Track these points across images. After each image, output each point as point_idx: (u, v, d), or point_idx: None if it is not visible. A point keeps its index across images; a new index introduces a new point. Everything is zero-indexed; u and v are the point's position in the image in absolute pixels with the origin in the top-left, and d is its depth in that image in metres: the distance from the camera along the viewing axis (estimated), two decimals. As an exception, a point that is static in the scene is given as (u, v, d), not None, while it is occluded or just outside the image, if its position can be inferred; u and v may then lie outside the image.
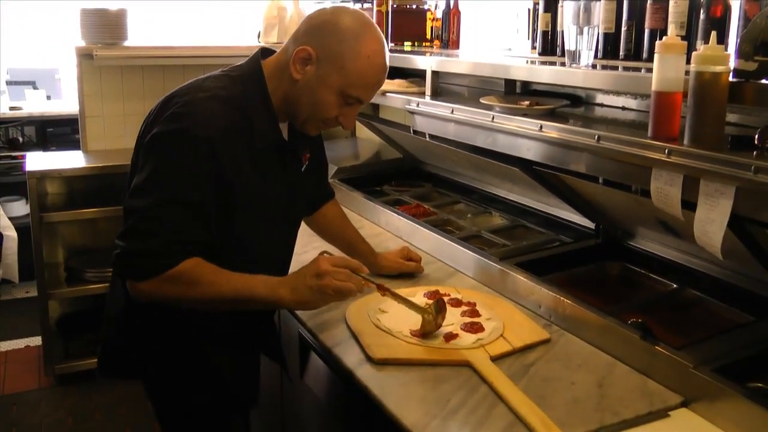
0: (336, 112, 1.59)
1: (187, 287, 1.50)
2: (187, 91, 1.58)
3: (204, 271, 1.51)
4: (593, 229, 2.19)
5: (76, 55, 3.62)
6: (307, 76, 1.54)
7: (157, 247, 1.47)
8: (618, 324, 1.61)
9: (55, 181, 3.67)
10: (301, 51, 1.53)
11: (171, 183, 1.48)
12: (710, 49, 1.37)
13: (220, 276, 1.52)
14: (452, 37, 2.90)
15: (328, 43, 1.52)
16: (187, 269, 1.49)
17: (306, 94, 1.56)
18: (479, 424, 1.36)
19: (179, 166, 1.49)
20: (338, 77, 1.53)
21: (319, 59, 1.53)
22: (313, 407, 2.01)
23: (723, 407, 1.35)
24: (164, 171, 1.49)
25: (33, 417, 3.29)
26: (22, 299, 4.59)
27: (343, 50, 1.52)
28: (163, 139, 1.51)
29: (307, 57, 1.53)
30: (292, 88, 1.57)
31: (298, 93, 1.57)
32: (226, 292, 1.52)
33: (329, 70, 1.53)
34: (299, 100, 1.58)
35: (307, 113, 1.60)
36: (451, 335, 1.66)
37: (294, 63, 1.54)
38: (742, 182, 1.33)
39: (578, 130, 1.73)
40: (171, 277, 1.47)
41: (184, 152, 1.48)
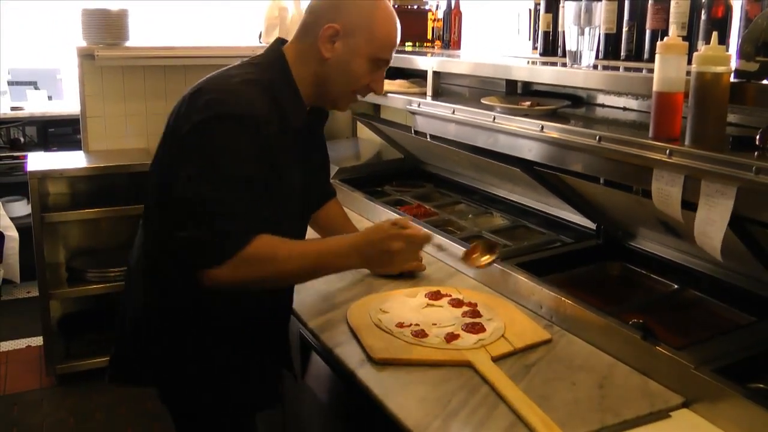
0: (368, 80, 1.66)
1: (264, 265, 1.51)
2: (216, 80, 1.60)
3: (277, 246, 1.53)
4: (594, 230, 2.19)
5: (78, 55, 3.62)
6: (337, 52, 1.60)
7: (228, 228, 1.47)
8: (619, 324, 1.61)
9: (56, 182, 3.67)
10: (328, 29, 1.58)
11: (228, 164, 1.49)
12: (711, 49, 1.37)
13: (293, 249, 1.56)
14: (453, 37, 2.90)
15: (350, 16, 1.60)
16: (261, 246, 1.50)
17: (338, 69, 1.62)
18: (480, 425, 1.36)
19: (232, 146, 1.50)
20: (368, 44, 1.61)
21: (346, 33, 1.59)
22: (314, 407, 2.01)
23: (724, 408, 1.35)
24: (218, 154, 1.49)
25: (34, 417, 3.29)
26: (24, 299, 4.59)
27: (366, 18, 1.60)
28: (208, 125, 1.50)
29: (334, 33, 1.59)
30: (322, 67, 1.62)
31: (330, 70, 1.62)
32: (303, 265, 1.56)
33: (358, 40, 1.60)
34: (331, 78, 1.63)
35: (341, 88, 1.66)
36: (452, 336, 1.66)
37: (323, 42, 1.59)
38: (743, 183, 1.33)
39: (579, 130, 1.73)
40: (247, 257, 1.47)
41: (234, 132, 1.50)
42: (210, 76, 1.63)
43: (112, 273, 3.53)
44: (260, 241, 1.50)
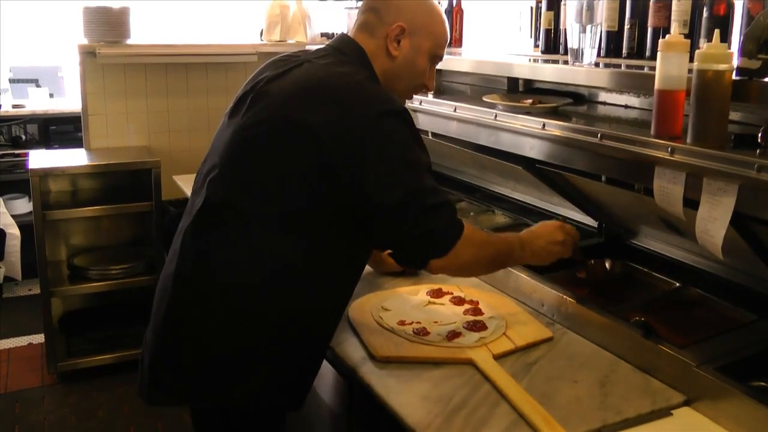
0: (426, 77, 1.70)
1: (481, 246, 1.60)
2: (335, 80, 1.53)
3: (479, 231, 1.63)
4: (596, 228, 2.19)
5: (79, 53, 3.62)
6: (404, 50, 1.64)
7: (447, 213, 1.52)
8: (621, 323, 1.61)
9: (58, 179, 3.68)
10: (396, 28, 1.62)
11: (417, 154, 1.51)
12: (713, 47, 1.37)
13: (488, 235, 1.70)
14: (455, 35, 2.89)
15: (414, 14, 1.64)
16: (472, 230, 1.57)
17: (405, 66, 1.65)
18: (482, 423, 1.36)
19: (410, 138, 1.53)
20: (429, 42, 1.65)
21: (411, 31, 1.63)
22: (316, 405, 2.01)
23: (726, 406, 1.35)
24: (405, 148, 1.50)
25: (36, 414, 3.29)
26: (25, 297, 4.60)
27: (427, 17, 1.66)
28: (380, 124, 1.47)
29: (401, 32, 1.62)
30: (391, 65, 1.65)
31: (398, 68, 1.65)
32: (498, 251, 1.66)
33: (421, 38, 1.64)
34: (399, 75, 1.66)
35: (405, 84, 1.69)
36: (454, 334, 1.66)
37: (391, 41, 1.63)
38: (745, 180, 1.33)
39: (581, 128, 1.73)
40: (467, 238, 1.54)
41: (404, 125, 1.52)
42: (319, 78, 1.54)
43: (113, 270, 3.54)
44: (466, 224, 1.56)
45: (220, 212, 1.52)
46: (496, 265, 1.71)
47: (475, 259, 1.59)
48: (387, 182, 1.45)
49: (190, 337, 1.54)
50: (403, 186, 1.46)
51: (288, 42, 4.05)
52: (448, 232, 1.52)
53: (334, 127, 1.44)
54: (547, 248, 1.71)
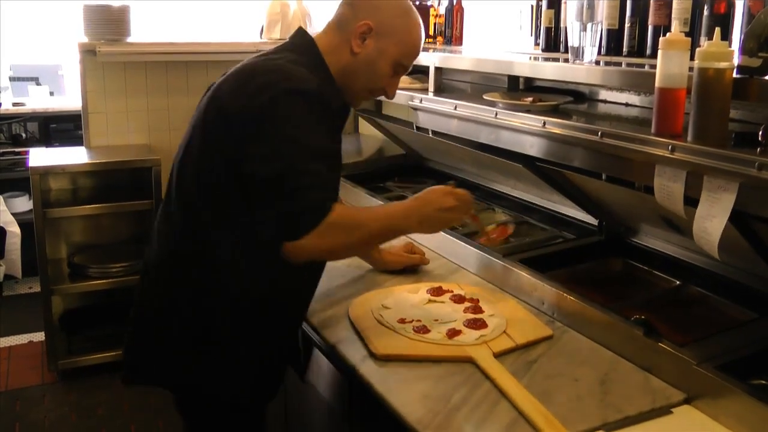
0: (386, 82, 1.70)
1: (348, 231, 1.55)
2: (260, 65, 1.59)
3: (353, 212, 1.61)
4: (596, 226, 2.19)
5: (79, 51, 3.62)
6: (367, 49, 1.64)
7: (312, 197, 1.49)
8: (621, 321, 1.61)
9: (58, 177, 3.68)
10: (363, 25, 1.63)
11: (301, 136, 1.51)
12: (714, 45, 1.37)
13: (365, 214, 1.63)
14: (455, 33, 2.90)
15: (385, 17, 1.64)
16: (342, 213, 1.53)
17: (364, 66, 1.66)
18: (482, 421, 1.36)
19: (303, 119, 1.51)
20: (395, 48, 1.65)
21: (378, 33, 1.63)
22: (316, 404, 2.01)
23: (726, 404, 1.35)
24: (291, 127, 1.50)
25: (36, 412, 3.29)
26: (26, 295, 4.60)
27: (399, 23, 1.66)
28: (275, 101, 1.50)
29: (368, 30, 1.63)
30: (352, 61, 1.65)
31: (357, 65, 1.66)
32: (376, 229, 1.61)
33: (388, 42, 1.64)
34: (357, 73, 1.67)
35: (362, 84, 1.69)
36: (454, 332, 1.66)
37: (355, 37, 1.63)
38: (745, 179, 1.32)
39: (582, 126, 1.73)
40: (331, 225, 1.50)
41: (302, 106, 1.51)
42: (245, 64, 1.62)
43: (113, 269, 3.53)
44: (339, 208, 1.54)
45: (171, 200, 1.67)
46: (372, 244, 1.70)
47: (342, 244, 1.56)
48: (265, 156, 1.50)
49: (153, 322, 1.68)
50: (278, 162, 1.49)
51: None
52: (306, 215, 1.49)
53: (239, 103, 1.52)
54: (437, 216, 1.65)
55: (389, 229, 1.64)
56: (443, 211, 1.65)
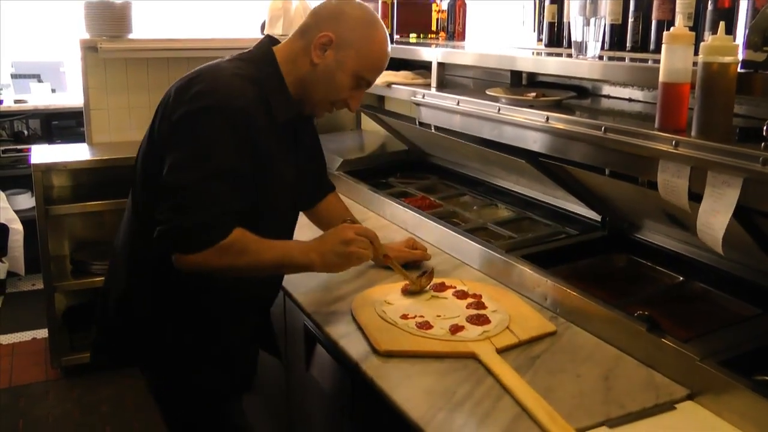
0: (347, 95, 1.70)
1: (237, 257, 1.56)
2: (205, 72, 1.63)
3: (249, 240, 1.58)
4: (599, 222, 2.19)
5: (81, 47, 3.62)
6: (327, 60, 1.64)
7: (209, 219, 1.52)
8: (624, 316, 1.60)
9: (60, 174, 3.68)
10: (323, 37, 1.63)
11: (212, 156, 1.53)
12: (718, 39, 1.36)
13: (262, 244, 1.60)
14: (458, 29, 2.89)
15: (346, 30, 1.64)
16: (237, 239, 1.54)
17: (324, 77, 1.66)
18: (485, 417, 1.36)
19: (217, 139, 1.53)
20: (355, 61, 1.65)
21: (338, 45, 1.63)
22: (319, 399, 2.01)
23: (729, 400, 1.35)
24: (203, 145, 1.53)
25: (40, 409, 3.30)
26: (29, 292, 4.60)
27: (360, 36, 1.65)
28: (196, 115, 1.54)
29: (328, 42, 1.63)
30: (310, 71, 1.66)
31: (316, 76, 1.66)
32: (269, 260, 1.61)
33: (348, 54, 1.64)
34: (316, 84, 1.67)
35: (322, 96, 1.69)
36: (457, 327, 1.66)
37: (315, 48, 1.63)
38: (749, 174, 1.32)
39: (585, 121, 1.72)
40: (222, 248, 1.53)
41: (220, 124, 1.53)
42: (199, 69, 1.66)
43: (116, 265, 3.53)
44: (237, 233, 1.55)
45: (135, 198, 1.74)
46: (263, 272, 1.68)
47: (228, 267, 1.56)
48: (172, 169, 1.54)
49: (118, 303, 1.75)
50: (180, 176, 1.53)
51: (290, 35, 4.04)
52: (199, 233, 1.52)
53: (173, 106, 1.58)
54: (335, 250, 1.64)
55: (283, 263, 1.64)
56: (341, 245, 1.64)
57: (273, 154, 1.64)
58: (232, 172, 1.54)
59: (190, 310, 1.70)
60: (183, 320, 1.70)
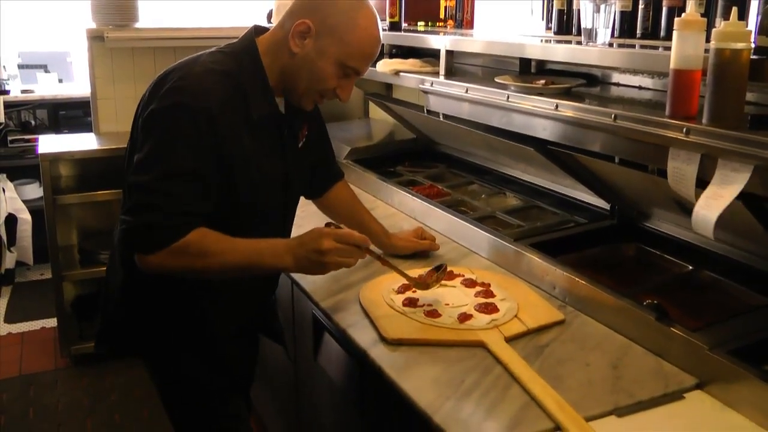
0: (334, 84, 1.62)
1: (195, 258, 1.53)
2: (181, 67, 1.60)
3: (210, 241, 1.54)
4: (608, 210, 2.18)
5: (87, 37, 3.62)
6: (306, 49, 1.58)
7: (162, 219, 1.49)
8: (633, 305, 1.60)
9: (67, 164, 3.69)
10: (300, 24, 1.56)
11: (172, 156, 1.50)
12: (731, 25, 1.34)
13: (227, 244, 1.55)
14: (466, 17, 2.87)
15: (326, 16, 1.56)
16: (194, 240, 1.51)
17: (305, 67, 1.59)
18: (493, 406, 1.36)
19: (179, 138, 1.50)
20: (337, 49, 1.57)
21: (318, 32, 1.56)
22: (327, 388, 2.02)
23: (739, 389, 1.34)
24: (165, 145, 1.51)
25: (50, 397, 3.32)
26: (37, 281, 4.62)
27: (342, 22, 1.56)
28: (161, 113, 1.52)
29: (306, 30, 1.56)
30: (290, 61, 1.60)
31: (297, 66, 1.60)
32: (234, 261, 1.55)
33: (328, 41, 1.56)
34: (298, 74, 1.61)
35: (305, 86, 1.62)
36: (466, 316, 1.65)
37: (293, 37, 1.57)
38: (761, 161, 1.30)
39: (594, 109, 1.71)
40: (178, 249, 1.50)
41: (182, 125, 1.50)
42: (179, 62, 1.63)
43: (124, 254, 3.54)
44: (195, 234, 1.51)
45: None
46: (230, 274, 1.61)
47: (188, 268, 1.54)
48: (135, 166, 1.53)
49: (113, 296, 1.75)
50: (140, 175, 1.51)
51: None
52: (153, 234, 1.49)
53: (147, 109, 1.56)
54: (311, 258, 1.56)
55: (252, 264, 1.58)
56: (317, 254, 1.55)
57: (248, 153, 1.58)
58: (191, 173, 1.50)
59: (182, 302, 1.69)
60: (180, 311, 1.70)
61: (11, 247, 4.45)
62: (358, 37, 1.57)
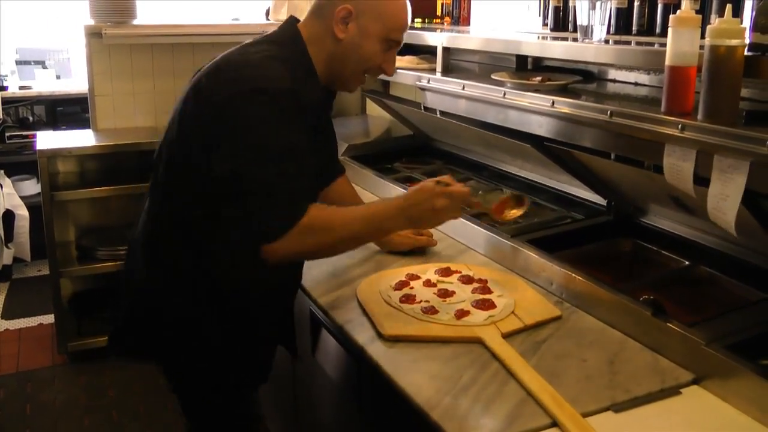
0: (380, 60, 1.67)
1: (323, 234, 1.54)
2: (235, 57, 1.60)
3: (330, 215, 1.57)
4: (605, 206, 2.18)
5: (85, 33, 3.61)
6: (351, 33, 1.62)
7: (284, 200, 1.49)
8: (630, 301, 1.60)
9: (65, 160, 3.68)
10: (342, 10, 1.60)
11: (269, 136, 1.50)
12: (725, 22, 1.35)
13: (346, 214, 1.59)
14: (463, 13, 2.87)
15: None
16: (316, 216, 1.52)
17: (351, 49, 1.63)
18: (490, 401, 1.36)
19: (269, 119, 1.50)
20: (379, 25, 1.62)
21: (358, 14, 1.61)
22: (325, 384, 2.02)
23: (735, 384, 1.35)
24: (258, 128, 1.50)
25: (47, 394, 3.32)
26: (35, 277, 4.62)
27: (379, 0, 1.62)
28: (241, 100, 1.50)
29: (348, 14, 1.61)
30: (336, 47, 1.63)
31: (344, 50, 1.64)
32: (358, 230, 1.59)
33: (369, 20, 1.62)
34: (346, 58, 1.65)
35: (353, 68, 1.67)
36: (463, 312, 1.66)
37: (336, 23, 1.61)
38: (756, 157, 1.31)
39: (590, 105, 1.71)
40: (305, 227, 1.50)
41: (268, 105, 1.50)
42: (227, 54, 1.62)
43: (122, 251, 3.53)
44: (314, 210, 1.52)
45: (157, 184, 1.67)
46: (355, 244, 1.66)
47: (318, 246, 1.55)
48: (228, 158, 1.50)
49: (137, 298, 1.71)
50: (241, 164, 1.49)
51: (294, 21, 4.02)
52: (274, 219, 1.49)
53: (212, 96, 1.53)
54: (427, 216, 1.62)
55: (373, 230, 1.63)
56: (431, 212, 1.60)
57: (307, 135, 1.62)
58: (291, 151, 1.51)
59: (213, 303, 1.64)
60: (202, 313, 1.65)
61: (8, 244, 4.45)
62: (393, 9, 1.64)
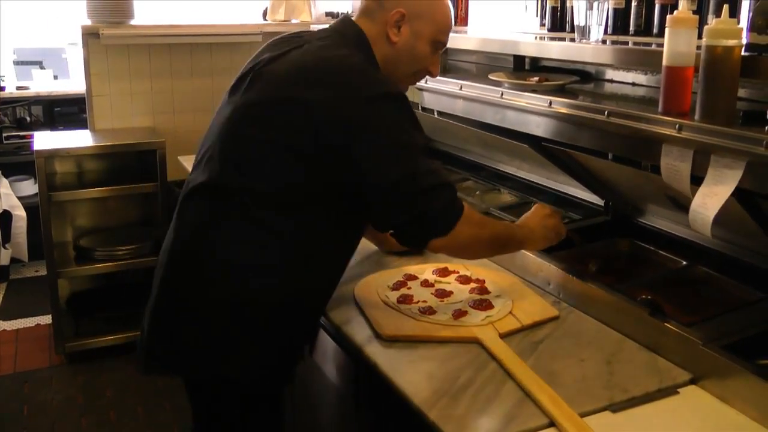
0: (429, 62, 1.70)
1: (478, 228, 1.60)
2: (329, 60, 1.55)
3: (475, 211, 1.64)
4: (602, 206, 2.18)
5: (83, 34, 3.61)
6: (404, 36, 1.64)
7: (446, 194, 1.53)
8: (627, 301, 1.60)
9: (63, 161, 3.68)
10: (395, 14, 1.62)
11: (413, 137, 1.53)
12: (722, 22, 1.35)
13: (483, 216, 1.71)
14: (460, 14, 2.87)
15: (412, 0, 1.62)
16: (468, 209, 1.57)
17: (405, 52, 1.65)
18: (488, 401, 1.36)
19: (404, 120, 1.54)
20: (430, 28, 1.65)
21: (411, 17, 1.62)
22: (322, 384, 2.02)
23: (732, 384, 1.35)
24: (403, 129, 1.52)
25: (44, 394, 3.32)
26: (32, 278, 4.62)
27: (428, 3, 1.65)
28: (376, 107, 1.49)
29: (401, 18, 1.62)
30: (390, 50, 1.65)
31: (398, 53, 1.65)
32: (498, 232, 1.68)
33: (421, 23, 1.64)
34: (400, 60, 1.66)
35: (404, 70, 1.69)
36: (460, 312, 1.66)
37: (390, 27, 1.63)
38: (753, 157, 1.31)
39: (588, 105, 1.71)
40: (466, 218, 1.55)
41: (399, 107, 1.53)
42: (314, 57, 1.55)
43: (119, 251, 3.54)
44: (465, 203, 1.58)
45: (215, 190, 1.57)
46: (495, 246, 1.71)
47: (475, 238, 1.60)
48: (382, 164, 1.49)
49: (180, 311, 1.60)
50: (398, 168, 1.49)
51: (292, 22, 4.03)
52: (447, 212, 1.53)
53: (329, 107, 1.47)
54: (551, 240, 1.78)
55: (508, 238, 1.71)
56: (557, 236, 1.79)
57: None
58: (426, 148, 1.56)
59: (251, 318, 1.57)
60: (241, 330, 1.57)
61: (6, 244, 4.45)
62: (441, 12, 1.67)
